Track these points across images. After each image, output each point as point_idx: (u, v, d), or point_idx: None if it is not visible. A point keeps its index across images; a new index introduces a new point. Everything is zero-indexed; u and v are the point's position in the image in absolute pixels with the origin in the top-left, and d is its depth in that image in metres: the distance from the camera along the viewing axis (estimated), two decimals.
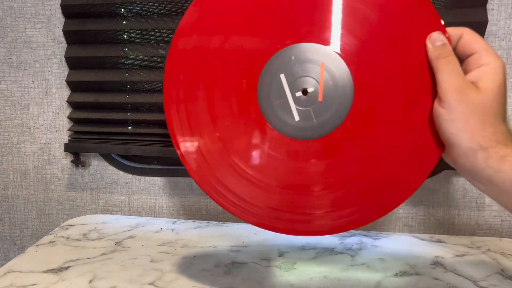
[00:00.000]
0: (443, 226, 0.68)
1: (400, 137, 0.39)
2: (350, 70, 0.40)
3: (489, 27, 0.61)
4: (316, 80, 0.40)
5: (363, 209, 0.41)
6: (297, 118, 0.41)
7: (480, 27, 0.60)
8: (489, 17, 0.61)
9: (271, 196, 0.42)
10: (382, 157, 0.40)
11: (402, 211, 0.69)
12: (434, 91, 0.37)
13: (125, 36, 0.69)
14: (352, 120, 0.40)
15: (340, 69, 0.40)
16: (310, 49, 0.40)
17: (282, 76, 0.41)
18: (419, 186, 0.40)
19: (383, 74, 0.39)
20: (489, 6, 0.61)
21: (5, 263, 0.53)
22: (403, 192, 0.40)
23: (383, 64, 0.39)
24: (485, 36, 0.61)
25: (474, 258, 0.54)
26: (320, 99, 0.40)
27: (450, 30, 0.37)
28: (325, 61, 0.40)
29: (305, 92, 0.41)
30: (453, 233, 0.67)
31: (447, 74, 0.35)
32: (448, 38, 0.37)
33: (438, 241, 0.60)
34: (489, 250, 0.56)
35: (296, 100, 0.41)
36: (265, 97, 0.41)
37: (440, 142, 0.38)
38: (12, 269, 0.51)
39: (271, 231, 0.43)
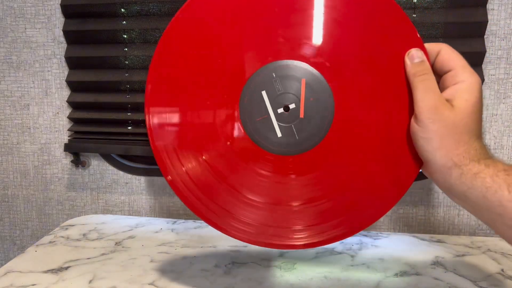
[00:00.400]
0: (443, 226, 0.68)
1: (379, 152, 0.40)
2: (331, 86, 0.40)
3: (489, 27, 0.61)
4: (297, 97, 0.41)
5: (345, 222, 0.42)
6: (279, 134, 0.41)
7: (480, 27, 0.60)
8: (489, 17, 0.61)
9: (257, 212, 0.43)
10: (362, 172, 0.41)
11: (402, 211, 0.69)
12: (411, 108, 0.38)
13: (125, 36, 0.69)
14: (333, 135, 0.41)
15: (321, 86, 0.40)
16: (290, 66, 0.40)
17: (264, 93, 0.41)
18: (398, 200, 0.41)
19: (363, 90, 0.40)
20: (489, 6, 0.61)
21: (5, 263, 0.53)
22: (382, 206, 0.41)
23: (362, 80, 0.40)
24: (485, 36, 0.61)
25: (474, 258, 0.54)
26: (301, 115, 0.41)
27: (428, 46, 0.38)
28: (306, 77, 0.40)
29: (286, 108, 0.41)
30: (453, 233, 0.67)
31: (423, 92, 0.36)
32: (427, 54, 0.37)
33: (438, 241, 0.60)
34: (489, 250, 0.56)
35: (278, 116, 0.41)
36: (247, 115, 0.42)
37: (418, 157, 0.38)
38: (12, 269, 0.51)
39: (259, 246, 0.44)
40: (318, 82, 0.40)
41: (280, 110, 0.41)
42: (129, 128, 0.71)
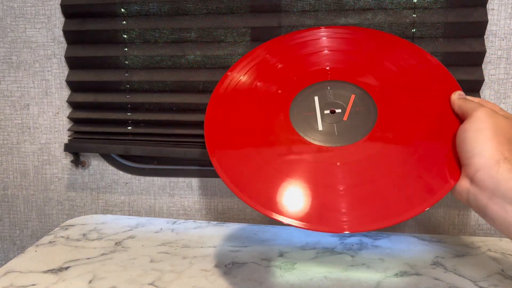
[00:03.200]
0: (443, 226, 0.68)
1: (413, 164, 0.44)
2: (377, 105, 0.48)
3: (489, 27, 0.61)
4: (344, 106, 0.48)
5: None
6: (320, 128, 0.48)
7: (480, 27, 0.60)
8: (489, 17, 0.61)
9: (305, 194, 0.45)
10: (398, 173, 0.44)
11: None
12: (451, 127, 0.44)
13: (125, 36, 0.69)
14: (370, 139, 0.46)
15: (368, 103, 0.48)
16: (345, 85, 0.51)
17: (316, 98, 0.50)
18: (429, 206, 0.41)
19: (406, 112, 0.47)
20: (489, 6, 0.61)
21: (5, 263, 0.53)
22: (415, 210, 0.41)
23: (404, 105, 0.48)
24: (485, 36, 0.61)
25: (474, 258, 0.54)
26: (345, 118, 0.48)
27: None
28: (356, 94, 0.49)
29: (333, 112, 0.49)
30: (453, 233, 0.67)
31: (477, 105, 0.40)
32: None
33: (438, 241, 0.60)
34: (489, 250, 0.56)
35: (324, 116, 0.48)
36: (296, 108, 0.50)
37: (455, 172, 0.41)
38: (12, 269, 0.51)
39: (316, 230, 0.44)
40: (366, 100, 0.49)
41: (327, 112, 0.49)
42: (129, 128, 0.71)
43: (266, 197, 0.43)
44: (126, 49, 0.69)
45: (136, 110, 0.71)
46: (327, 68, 0.53)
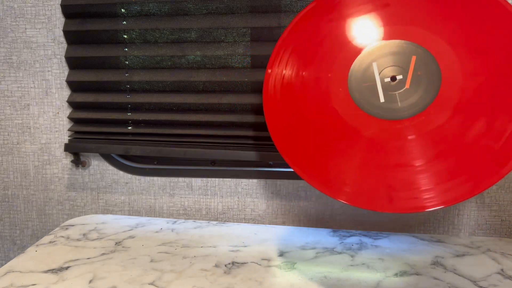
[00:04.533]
0: (443, 226, 0.68)
1: (483, 124, 0.42)
2: (440, 66, 0.44)
3: None
4: (406, 70, 0.46)
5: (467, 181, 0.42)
6: (382, 99, 0.46)
7: None
8: None
9: (364, 173, 0.45)
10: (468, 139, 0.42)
11: None
12: None
13: (125, 36, 0.69)
14: (436, 107, 0.44)
15: (430, 64, 0.45)
16: (406, 44, 0.46)
17: (375, 64, 0.47)
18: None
19: (471, 72, 0.43)
20: None
21: (5, 263, 0.53)
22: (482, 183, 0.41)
23: (470, 66, 0.43)
24: None
25: (474, 258, 0.54)
26: (407, 85, 0.45)
27: None
28: (417, 55, 0.45)
29: (393, 78, 0.46)
30: (453, 233, 0.67)
31: None
32: None
33: (438, 241, 0.60)
34: (489, 250, 0.56)
35: (384, 84, 0.46)
36: (355, 79, 0.47)
37: None
38: (12, 269, 0.51)
39: (377, 210, 0.44)
40: (429, 61, 0.45)
41: (387, 80, 0.46)
42: (129, 128, 0.71)
43: (336, 187, 0.45)
44: (126, 49, 0.69)
45: (136, 110, 0.71)
46: (376, 31, 0.48)
